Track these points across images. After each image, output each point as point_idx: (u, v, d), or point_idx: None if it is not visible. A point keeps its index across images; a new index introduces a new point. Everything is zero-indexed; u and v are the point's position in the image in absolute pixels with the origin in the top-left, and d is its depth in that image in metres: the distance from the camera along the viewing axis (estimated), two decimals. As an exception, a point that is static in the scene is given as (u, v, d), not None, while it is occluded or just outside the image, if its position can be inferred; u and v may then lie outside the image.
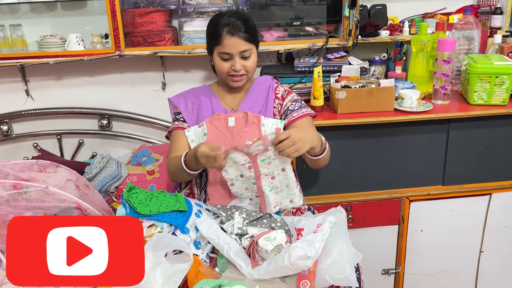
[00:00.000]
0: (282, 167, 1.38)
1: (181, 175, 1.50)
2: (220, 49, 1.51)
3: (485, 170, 1.99)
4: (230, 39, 1.49)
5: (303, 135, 1.31)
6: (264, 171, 1.36)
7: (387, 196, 1.98)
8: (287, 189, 1.42)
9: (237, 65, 1.52)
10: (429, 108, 1.86)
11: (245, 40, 1.50)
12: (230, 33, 1.49)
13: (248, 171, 1.37)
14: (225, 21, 1.49)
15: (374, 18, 2.18)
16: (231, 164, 1.37)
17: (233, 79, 1.56)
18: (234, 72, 1.54)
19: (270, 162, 1.35)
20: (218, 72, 1.58)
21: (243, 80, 1.58)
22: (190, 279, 1.18)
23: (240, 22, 1.49)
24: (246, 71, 1.55)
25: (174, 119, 1.66)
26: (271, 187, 1.39)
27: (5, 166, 1.41)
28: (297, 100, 1.64)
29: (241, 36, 1.49)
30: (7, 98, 2.28)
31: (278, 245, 1.20)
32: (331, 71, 2.01)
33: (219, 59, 1.54)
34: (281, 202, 1.44)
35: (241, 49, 1.50)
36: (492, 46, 2.08)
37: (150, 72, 2.30)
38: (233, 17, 1.50)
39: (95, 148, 2.40)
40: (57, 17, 2.18)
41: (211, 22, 1.56)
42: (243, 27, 1.49)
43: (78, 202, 1.39)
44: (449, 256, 2.09)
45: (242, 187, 1.44)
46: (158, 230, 1.27)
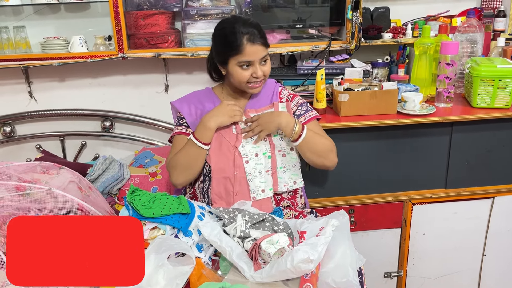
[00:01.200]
0: (291, 146, 1.58)
1: (193, 161, 1.53)
2: (241, 58, 1.49)
3: (488, 173, 1.98)
4: (251, 47, 1.48)
5: (270, 118, 1.53)
6: (277, 147, 1.57)
7: (389, 199, 1.98)
8: (293, 168, 1.60)
9: (259, 72, 1.52)
10: (432, 111, 1.86)
11: (263, 46, 1.51)
12: (250, 41, 1.47)
13: (264, 143, 1.56)
14: (243, 30, 1.47)
15: (377, 20, 2.18)
16: (248, 141, 1.56)
17: (253, 86, 1.56)
18: (255, 79, 1.53)
19: (282, 138, 1.58)
20: (236, 81, 1.55)
21: (261, 85, 1.59)
22: (192, 281, 1.18)
23: (255, 29, 1.49)
24: (265, 75, 1.56)
25: (177, 124, 1.65)
26: (281, 165, 1.58)
27: (8, 167, 1.42)
28: (303, 103, 1.65)
29: (260, 43, 1.49)
30: (11, 100, 2.29)
31: (281, 248, 1.20)
32: (334, 73, 2.01)
33: (239, 68, 1.52)
34: (287, 182, 1.59)
35: (262, 55, 1.51)
36: (495, 49, 2.08)
37: (153, 74, 2.30)
38: (248, 25, 1.49)
39: (98, 150, 2.41)
40: (61, 19, 2.19)
41: (225, 30, 1.51)
42: (259, 34, 1.49)
43: (81, 204, 1.39)
44: (451, 260, 2.09)
45: (256, 168, 1.54)
46: (161, 233, 1.27)
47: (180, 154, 1.54)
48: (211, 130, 1.51)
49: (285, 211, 1.58)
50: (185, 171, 1.54)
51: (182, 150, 1.54)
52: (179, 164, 1.53)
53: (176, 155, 1.55)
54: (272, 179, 1.56)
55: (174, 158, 1.54)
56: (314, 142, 1.54)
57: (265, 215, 1.40)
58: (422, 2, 2.29)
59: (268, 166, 1.56)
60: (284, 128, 1.52)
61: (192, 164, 1.53)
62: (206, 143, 1.51)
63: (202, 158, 1.53)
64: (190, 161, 1.53)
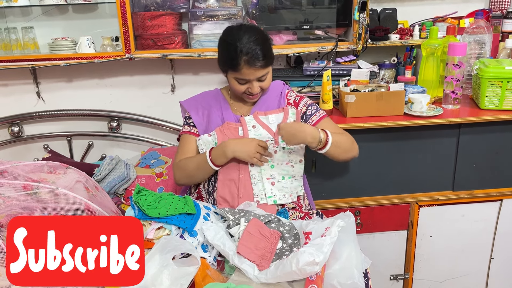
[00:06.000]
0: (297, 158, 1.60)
1: (200, 173, 1.54)
2: (237, 75, 1.50)
3: (496, 175, 1.96)
4: (248, 69, 1.46)
5: (294, 131, 1.44)
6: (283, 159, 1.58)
7: (396, 201, 1.97)
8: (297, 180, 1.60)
9: (254, 89, 1.52)
10: (439, 113, 1.84)
11: (262, 68, 1.48)
12: (248, 64, 1.45)
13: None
14: (244, 49, 1.44)
15: (384, 22, 2.17)
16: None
17: (248, 97, 1.58)
18: (251, 93, 1.54)
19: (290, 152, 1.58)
20: (233, 90, 1.57)
21: (259, 96, 1.60)
22: (197, 282, 1.18)
23: (258, 49, 1.44)
24: (263, 89, 1.56)
25: (184, 123, 1.68)
26: (283, 174, 1.58)
27: (16, 167, 1.43)
28: (312, 104, 1.66)
29: (259, 66, 1.46)
30: (19, 100, 2.31)
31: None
32: (341, 74, 2.01)
33: (235, 82, 1.53)
34: (291, 193, 1.58)
35: (259, 75, 1.50)
36: (504, 50, 2.06)
37: (159, 75, 2.31)
38: (252, 43, 1.44)
39: (104, 150, 2.42)
40: (69, 20, 2.20)
41: (228, 44, 1.49)
42: (261, 55, 1.45)
43: (87, 204, 1.40)
44: (458, 262, 2.07)
45: (260, 172, 1.55)
46: (167, 233, 1.28)
47: (191, 162, 1.56)
48: (228, 158, 1.50)
49: (290, 212, 1.57)
50: (190, 178, 1.59)
51: (194, 159, 1.56)
52: (187, 170, 1.56)
53: (187, 161, 1.56)
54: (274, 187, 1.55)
55: (184, 162, 1.57)
56: (339, 142, 1.52)
57: (270, 216, 1.39)
58: (430, 3, 2.27)
59: (269, 174, 1.55)
60: (310, 143, 1.47)
61: (199, 175, 1.57)
62: (218, 166, 1.52)
63: (209, 173, 1.56)
64: (197, 172, 1.56)
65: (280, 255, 1.26)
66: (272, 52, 1.55)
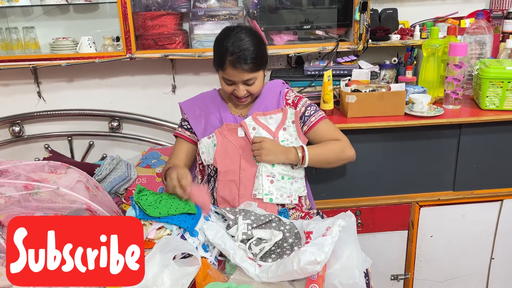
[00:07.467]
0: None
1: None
2: (224, 75, 1.50)
3: (496, 176, 1.96)
4: (232, 70, 1.45)
5: (272, 148, 1.49)
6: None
7: (396, 201, 1.97)
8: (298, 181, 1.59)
9: (240, 92, 1.51)
10: (440, 113, 1.84)
11: (248, 72, 1.46)
12: (232, 64, 1.44)
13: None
14: (230, 50, 1.43)
15: (385, 22, 2.17)
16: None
17: (237, 100, 1.57)
18: (237, 95, 1.54)
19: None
20: (223, 89, 1.57)
21: (247, 101, 1.58)
22: (198, 281, 1.18)
23: (246, 52, 1.43)
24: (250, 93, 1.55)
25: (179, 125, 1.70)
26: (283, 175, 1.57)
27: (17, 167, 1.43)
28: (311, 104, 1.65)
29: (244, 69, 1.44)
30: (20, 100, 2.31)
31: None
32: (341, 75, 2.01)
33: (223, 81, 1.53)
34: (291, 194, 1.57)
35: (244, 78, 1.48)
36: (505, 51, 2.06)
37: (160, 75, 2.31)
38: (239, 45, 1.43)
39: (105, 150, 2.42)
40: (70, 20, 2.20)
41: (218, 41, 1.50)
42: (248, 58, 1.43)
43: (88, 204, 1.40)
44: (459, 263, 2.07)
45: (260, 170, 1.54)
46: (167, 233, 1.28)
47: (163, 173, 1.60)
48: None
49: (291, 212, 1.57)
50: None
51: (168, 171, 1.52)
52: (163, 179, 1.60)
53: (164, 168, 1.62)
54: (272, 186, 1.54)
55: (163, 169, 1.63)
56: (321, 155, 1.55)
57: (271, 216, 1.39)
58: (430, 4, 2.28)
59: (270, 172, 1.54)
60: (288, 162, 1.54)
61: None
62: None
63: None
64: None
65: (281, 254, 1.26)
66: (265, 57, 1.52)
